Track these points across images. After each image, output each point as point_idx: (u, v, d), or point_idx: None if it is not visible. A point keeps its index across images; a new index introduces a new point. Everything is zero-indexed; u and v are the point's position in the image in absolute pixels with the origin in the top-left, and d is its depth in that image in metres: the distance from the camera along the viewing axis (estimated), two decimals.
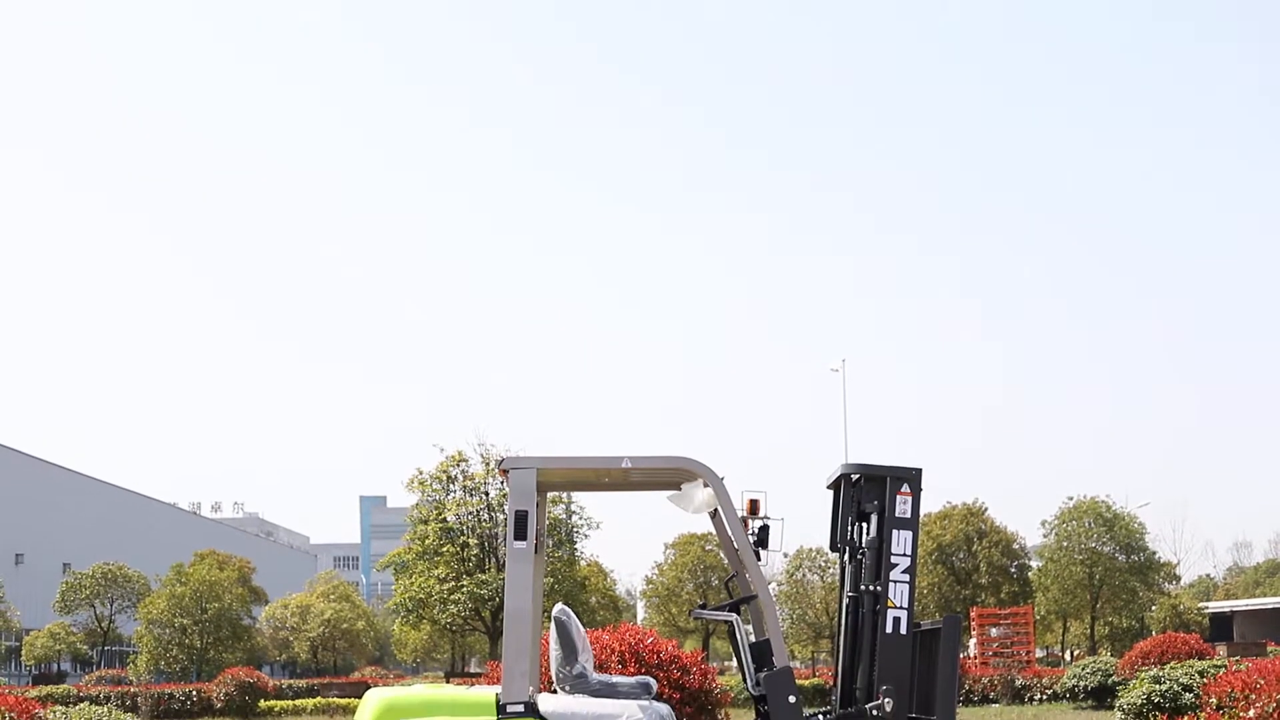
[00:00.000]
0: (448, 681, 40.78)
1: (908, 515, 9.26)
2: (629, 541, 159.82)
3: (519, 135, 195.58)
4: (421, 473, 48.65)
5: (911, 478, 9.32)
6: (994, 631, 44.57)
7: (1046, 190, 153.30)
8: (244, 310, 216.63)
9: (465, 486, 48.09)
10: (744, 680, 9.31)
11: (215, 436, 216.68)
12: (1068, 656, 70.56)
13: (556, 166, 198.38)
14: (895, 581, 9.14)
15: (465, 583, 46.45)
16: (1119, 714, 20.58)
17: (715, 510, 9.56)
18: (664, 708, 9.01)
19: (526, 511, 8.92)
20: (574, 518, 50.12)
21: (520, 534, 8.89)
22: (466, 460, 48.11)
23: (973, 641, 44.51)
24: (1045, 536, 65.48)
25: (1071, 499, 64.60)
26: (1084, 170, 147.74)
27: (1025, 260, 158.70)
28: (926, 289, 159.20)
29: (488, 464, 46.83)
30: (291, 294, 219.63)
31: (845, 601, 9.46)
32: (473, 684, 12.11)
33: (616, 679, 9.21)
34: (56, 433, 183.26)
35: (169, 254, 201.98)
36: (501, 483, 30.37)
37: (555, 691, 9.25)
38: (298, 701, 39.54)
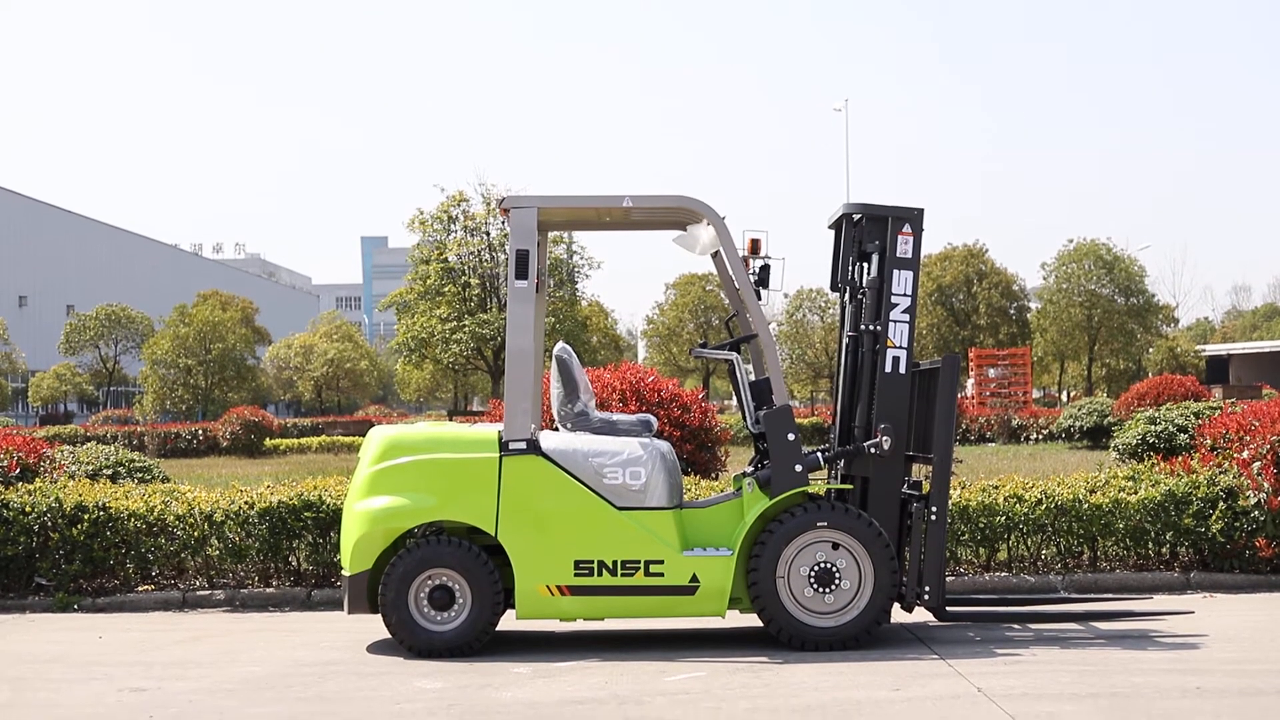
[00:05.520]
0: (450, 420, 41.30)
1: (909, 255, 9.21)
2: (630, 281, 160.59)
3: None
4: (422, 213, 48.49)
5: (913, 218, 9.25)
6: (992, 372, 44.92)
7: None
8: (244, 53, 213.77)
9: (466, 226, 47.99)
10: (743, 418, 9.37)
11: (216, 177, 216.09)
12: (1064, 397, 71.32)
13: None
14: (895, 321, 9.13)
15: (467, 322, 46.66)
16: (1114, 454, 20.81)
17: (718, 250, 9.51)
18: (664, 445, 9.09)
19: (528, 250, 8.89)
20: (575, 258, 50.16)
21: (521, 273, 8.86)
22: (467, 200, 47.94)
23: (970, 382, 44.91)
24: (1045, 279, 65.58)
25: (1072, 241, 64.57)
26: None
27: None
28: (929, 30, 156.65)
29: (489, 204, 46.67)
30: (290, 34, 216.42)
31: (845, 341, 9.47)
32: (475, 422, 12.22)
33: (617, 417, 9.27)
34: (57, 175, 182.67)
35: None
36: (502, 222, 30.25)
37: (557, 429, 9.33)
38: (302, 440, 40.06)
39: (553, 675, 8.08)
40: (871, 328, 9.19)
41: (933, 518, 8.92)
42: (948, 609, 9.24)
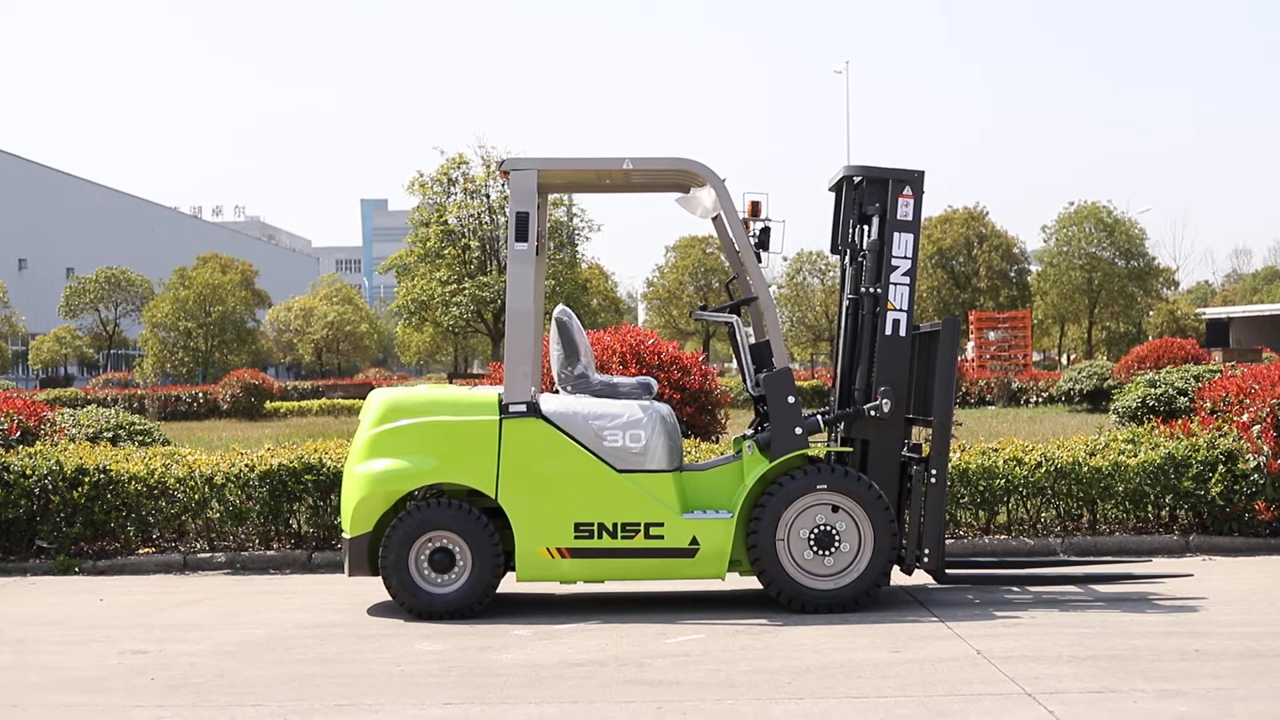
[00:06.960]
0: (451, 382, 41.36)
1: (909, 218, 9.19)
2: (630, 244, 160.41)
3: None
4: (422, 175, 48.45)
5: (914, 180, 9.22)
6: (992, 335, 44.85)
7: None
8: (244, 14, 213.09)
9: (466, 189, 47.95)
10: (744, 381, 9.36)
11: (216, 140, 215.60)
12: (1064, 360, 71.27)
13: None
14: (895, 284, 9.11)
15: (467, 285, 46.68)
16: (1114, 417, 20.81)
17: (719, 214, 9.49)
18: (664, 407, 9.10)
19: (527, 213, 8.87)
20: (575, 220, 50.12)
21: (521, 235, 8.85)
22: (467, 163, 47.89)
23: (971, 345, 44.85)
24: (1045, 241, 65.54)
25: (1073, 204, 64.52)
26: None
27: None
28: None
29: (488, 166, 46.61)
30: None
31: (845, 304, 9.45)
32: (475, 385, 12.22)
33: (618, 379, 9.27)
34: (57, 138, 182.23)
35: None
36: (502, 185, 30.13)
37: (557, 392, 9.33)
38: (302, 403, 40.05)
39: (553, 637, 8.10)
40: (872, 290, 9.17)
41: (932, 480, 8.92)
42: (947, 571, 9.24)
